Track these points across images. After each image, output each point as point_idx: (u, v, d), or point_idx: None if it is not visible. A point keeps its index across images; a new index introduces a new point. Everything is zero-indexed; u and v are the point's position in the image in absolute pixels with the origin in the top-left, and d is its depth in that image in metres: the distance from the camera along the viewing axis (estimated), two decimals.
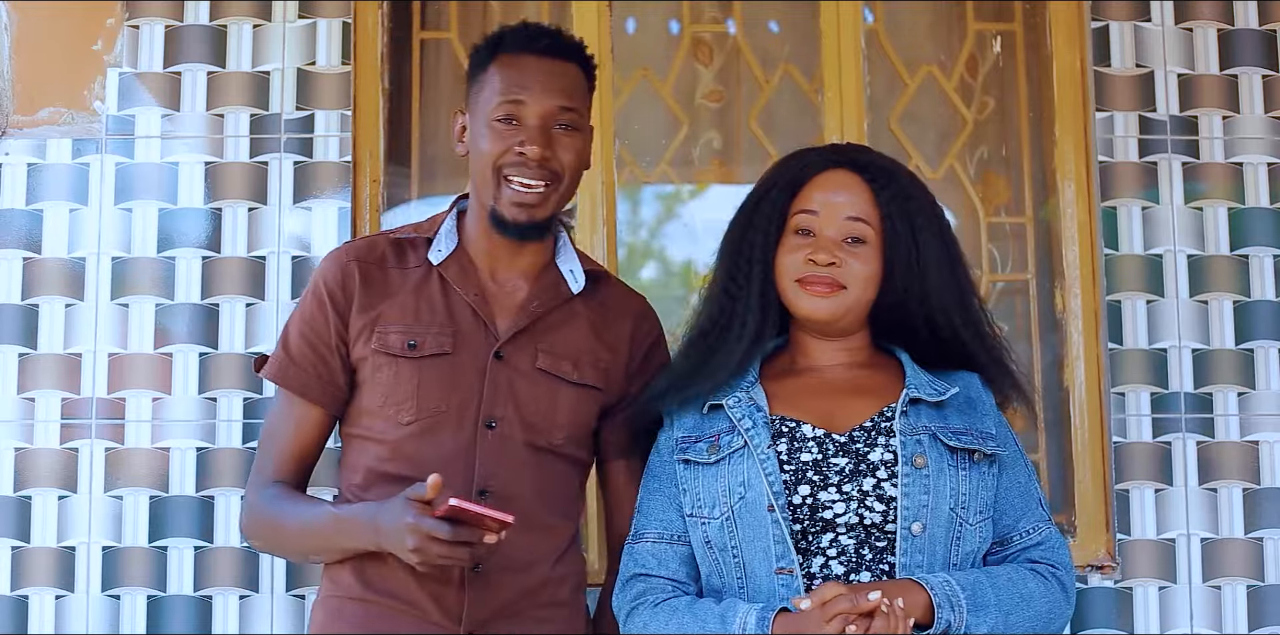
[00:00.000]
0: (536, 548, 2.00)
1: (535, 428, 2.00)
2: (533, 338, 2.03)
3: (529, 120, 1.97)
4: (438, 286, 2.03)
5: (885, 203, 1.94)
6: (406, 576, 1.94)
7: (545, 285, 2.06)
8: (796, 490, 1.85)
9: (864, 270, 1.93)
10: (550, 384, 2.02)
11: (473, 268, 2.05)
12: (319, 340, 2.03)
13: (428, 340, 2.00)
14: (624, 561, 1.98)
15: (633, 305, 2.15)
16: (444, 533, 1.75)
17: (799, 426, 1.90)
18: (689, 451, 1.94)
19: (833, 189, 1.96)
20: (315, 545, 1.99)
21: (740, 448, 1.89)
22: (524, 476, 1.98)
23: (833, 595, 1.72)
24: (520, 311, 2.03)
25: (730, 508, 1.87)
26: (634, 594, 1.94)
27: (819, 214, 1.94)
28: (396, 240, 2.08)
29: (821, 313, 1.93)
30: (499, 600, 1.97)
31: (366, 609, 1.98)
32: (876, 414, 1.91)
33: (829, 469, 1.86)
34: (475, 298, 2.02)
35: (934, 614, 1.78)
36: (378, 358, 2.00)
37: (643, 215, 2.86)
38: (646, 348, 2.11)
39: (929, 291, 1.95)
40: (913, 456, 1.85)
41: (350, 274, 2.03)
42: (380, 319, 2.01)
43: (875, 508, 1.84)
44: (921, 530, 1.83)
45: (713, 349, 1.96)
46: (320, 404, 2.03)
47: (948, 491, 1.85)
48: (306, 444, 2.04)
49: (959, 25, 2.84)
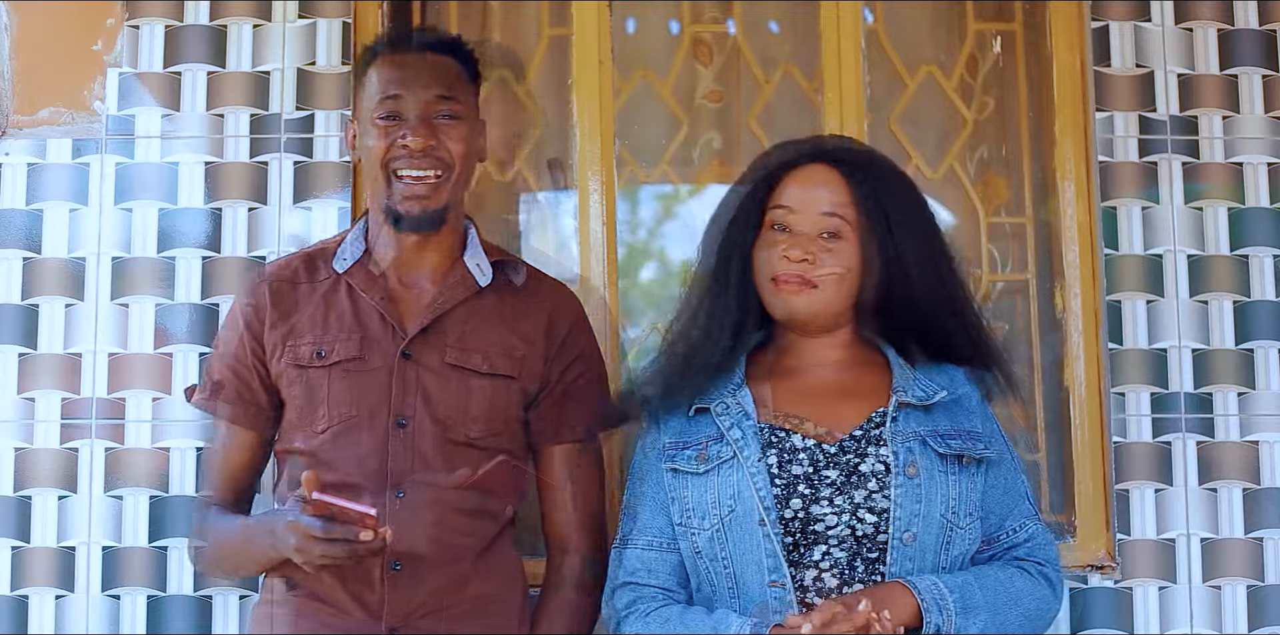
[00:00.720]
0: (459, 543, 2.00)
1: (447, 423, 2.01)
2: (441, 334, 2.05)
3: (408, 113, 2.01)
4: (345, 295, 2.07)
5: (863, 197, 1.91)
6: (331, 578, 1.96)
7: (451, 282, 2.08)
8: (788, 504, 1.83)
9: (838, 266, 1.90)
10: (461, 378, 2.03)
11: (379, 273, 2.08)
12: (239, 364, 2.09)
13: (336, 348, 2.04)
14: (612, 568, 1.97)
15: (548, 294, 2.15)
16: (317, 530, 1.77)
17: (789, 437, 1.88)
18: (677, 459, 1.92)
19: (809, 184, 1.94)
20: (235, 558, 2.05)
21: (729, 458, 1.87)
22: (439, 473, 1.98)
23: (831, 615, 1.70)
24: (426, 311, 2.05)
25: (721, 520, 1.86)
26: (625, 602, 1.93)
27: (794, 209, 1.92)
28: (308, 255, 2.14)
29: (794, 312, 1.91)
30: (419, 596, 1.98)
31: (294, 612, 2.01)
32: (865, 421, 1.89)
33: (820, 481, 1.84)
34: (381, 301, 2.05)
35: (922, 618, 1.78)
36: (290, 371, 2.05)
37: (642, 215, 2.86)
38: (565, 333, 2.11)
39: (912, 285, 1.92)
40: (905, 466, 1.84)
41: (261, 294, 2.09)
42: (291, 333, 2.06)
43: (866, 519, 1.83)
44: (913, 539, 1.82)
45: (695, 348, 1.94)
46: (249, 427, 2.09)
47: (939, 498, 1.84)
48: (240, 468, 2.11)
49: (959, 25, 2.84)
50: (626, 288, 2.74)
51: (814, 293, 1.89)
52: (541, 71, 2.76)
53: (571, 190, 2.70)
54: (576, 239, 2.64)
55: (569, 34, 2.70)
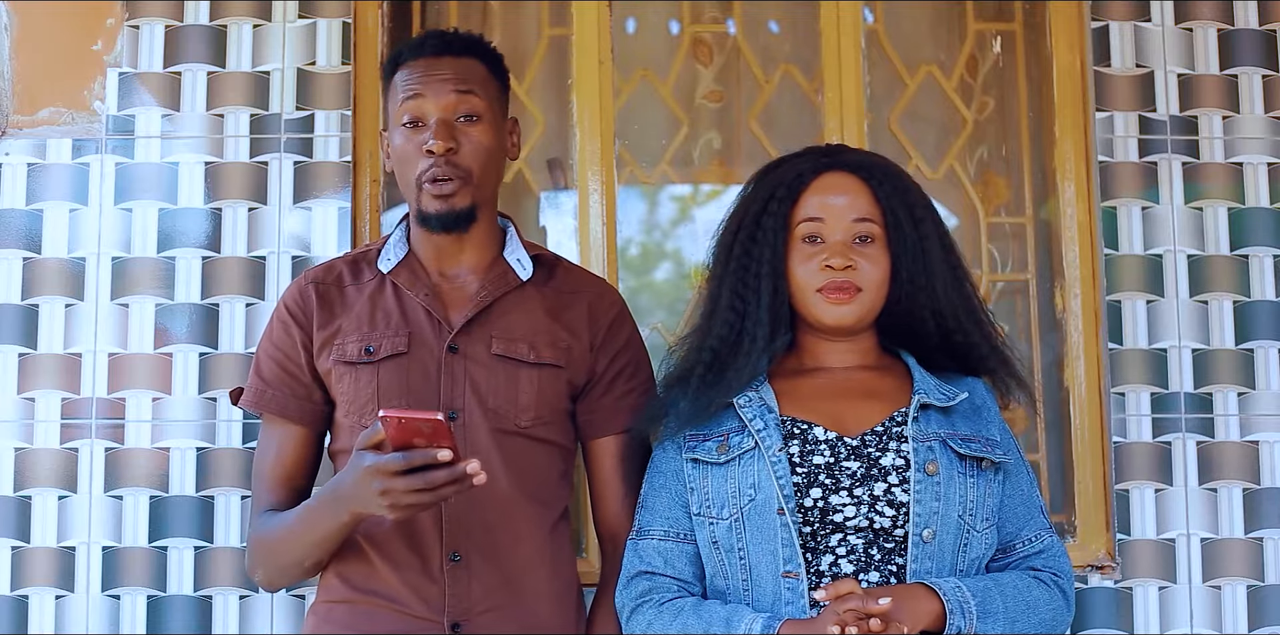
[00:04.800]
0: (515, 533, 2.01)
1: (498, 413, 2.02)
2: (486, 326, 2.06)
3: (430, 117, 2.03)
4: (391, 294, 2.09)
5: (885, 199, 1.95)
6: (388, 574, 1.97)
7: (493, 277, 2.10)
8: (808, 493, 1.85)
9: (876, 269, 1.94)
10: (509, 368, 2.04)
11: (422, 270, 2.10)
12: (288, 360, 2.09)
13: (384, 344, 2.05)
14: (628, 558, 1.97)
15: (588, 286, 2.17)
16: (398, 462, 1.74)
17: (810, 428, 1.90)
18: (698, 450, 1.93)
19: (832, 192, 1.96)
20: (301, 543, 1.99)
21: (751, 449, 1.89)
22: (493, 463, 1.98)
23: (847, 590, 1.72)
24: (470, 304, 2.06)
25: (740, 509, 1.87)
26: (638, 592, 1.94)
27: (824, 220, 1.94)
28: (352, 259, 2.16)
29: (847, 319, 1.94)
30: (481, 588, 1.98)
31: (352, 609, 2.00)
32: (887, 419, 1.91)
33: (841, 472, 1.86)
34: (426, 298, 2.07)
35: (945, 620, 1.78)
36: (338, 369, 2.05)
37: (641, 215, 2.86)
38: (608, 324, 2.12)
39: (935, 285, 1.95)
40: (925, 463, 1.85)
41: (308, 295, 2.10)
42: (339, 333, 2.07)
43: (885, 512, 1.84)
44: (932, 537, 1.84)
45: (725, 366, 1.96)
46: (301, 422, 2.09)
47: (957, 499, 1.86)
48: (294, 466, 2.09)
49: (959, 25, 2.84)
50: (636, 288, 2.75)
51: (860, 297, 1.93)
52: (541, 71, 2.76)
53: (571, 190, 2.70)
54: (576, 239, 2.64)
55: (569, 34, 2.70)
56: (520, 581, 2.01)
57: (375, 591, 1.99)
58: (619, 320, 2.14)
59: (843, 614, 1.71)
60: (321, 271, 2.15)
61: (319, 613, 2.05)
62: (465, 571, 1.98)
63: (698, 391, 1.94)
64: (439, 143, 2.00)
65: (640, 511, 1.99)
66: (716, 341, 1.97)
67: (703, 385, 1.95)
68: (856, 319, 1.94)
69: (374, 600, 1.99)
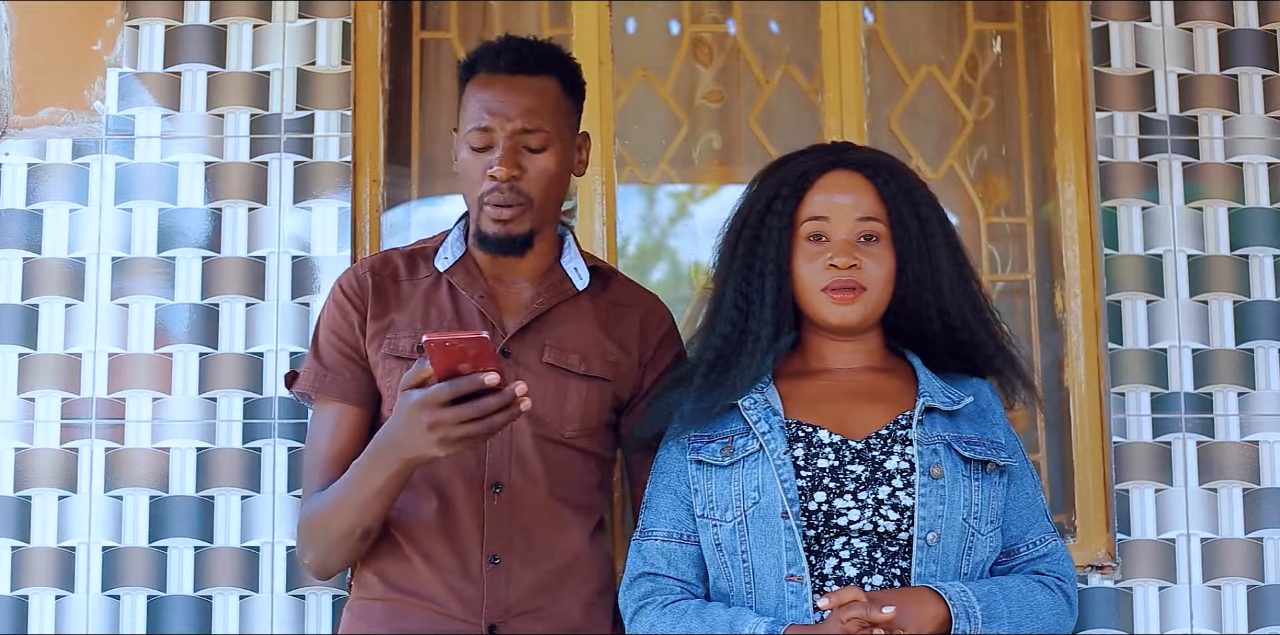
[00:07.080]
0: (553, 538, 2.02)
1: (544, 421, 2.02)
2: (539, 334, 2.06)
3: (497, 144, 2.01)
4: (446, 292, 2.09)
5: (890, 197, 1.94)
6: (427, 574, 1.97)
7: (550, 284, 2.10)
8: (812, 497, 1.84)
9: (881, 268, 1.93)
10: (558, 377, 2.04)
11: (478, 271, 2.10)
12: (346, 345, 2.09)
13: None
14: (631, 558, 1.97)
15: (640, 301, 2.18)
16: (446, 391, 1.70)
17: (815, 431, 1.89)
18: (702, 452, 1.93)
19: (837, 191, 1.95)
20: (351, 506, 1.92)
21: (755, 451, 1.88)
22: (535, 470, 2.00)
23: (850, 598, 1.72)
24: (525, 310, 2.07)
25: (744, 512, 1.87)
26: (641, 593, 1.94)
27: (829, 219, 1.94)
28: (409, 253, 2.15)
29: (851, 319, 1.93)
30: (518, 591, 1.98)
31: (389, 608, 2.00)
32: (892, 422, 1.90)
33: (845, 476, 1.85)
34: (481, 299, 2.07)
35: (950, 624, 1.78)
36: (388, 362, 2.05)
37: (641, 214, 2.86)
38: (658, 341, 2.13)
39: (941, 284, 1.94)
40: (930, 467, 1.84)
41: (365, 283, 2.10)
42: (391, 327, 2.07)
43: (890, 516, 1.83)
44: (936, 540, 1.83)
45: (728, 366, 1.95)
46: (361, 405, 2.07)
47: (962, 502, 1.85)
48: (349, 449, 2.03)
49: (959, 25, 2.84)
50: None
51: (865, 296, 1.92)
52: None
53: (572, 190, 2.70)
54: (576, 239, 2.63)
55: (569, 34, 2.70)
56: (557, 586, 2.01)
57: (413, 591, 1.99)
58: (668, 338, 2.15)
59: (846, 622, 1.70)
60: (379, 262, 2.14)
61: (355, 610, 2.05)
62: (503, 574, 1.98)
63: (701, 392, 1.94)
64: (503, 170, 1.98)
65: (644, 512, 1.99)
66: (720, 341, 1.97)
67: (706, 385, 1.94)
68: (861, 318, 1.93)
69: (411, 600, 1.99)
